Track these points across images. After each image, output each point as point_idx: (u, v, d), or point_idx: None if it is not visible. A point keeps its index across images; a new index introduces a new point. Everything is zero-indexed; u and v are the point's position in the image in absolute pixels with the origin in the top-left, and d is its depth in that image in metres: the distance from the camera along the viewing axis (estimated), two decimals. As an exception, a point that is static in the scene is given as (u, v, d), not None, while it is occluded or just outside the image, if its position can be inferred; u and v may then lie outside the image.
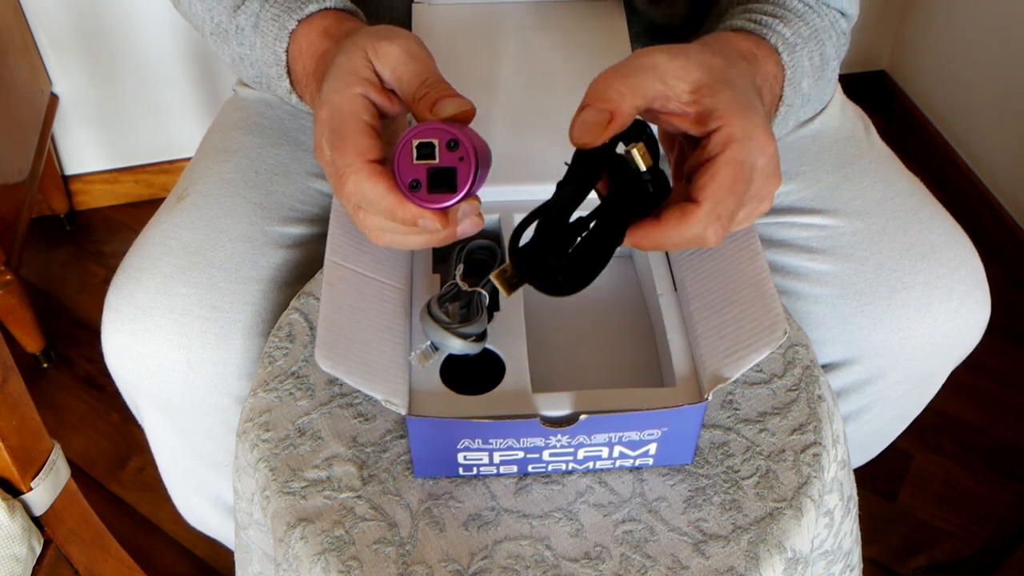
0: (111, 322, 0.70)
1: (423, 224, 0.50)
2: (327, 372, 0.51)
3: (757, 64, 0.58)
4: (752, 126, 0.49)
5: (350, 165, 0.50)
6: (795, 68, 0.61)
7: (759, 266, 0.56)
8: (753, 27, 0.61)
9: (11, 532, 0.65)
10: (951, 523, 1.20)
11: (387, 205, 0.50)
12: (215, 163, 0.77)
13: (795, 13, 0.62)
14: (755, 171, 0.49)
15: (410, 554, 0.53)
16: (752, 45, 0.59)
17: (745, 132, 0.49)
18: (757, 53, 0.59)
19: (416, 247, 0.54)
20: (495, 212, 0.63)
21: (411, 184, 0.49)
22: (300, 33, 0.61)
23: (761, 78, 0.58)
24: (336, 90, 0.52)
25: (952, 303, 0.70)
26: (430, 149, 0.49)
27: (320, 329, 0.52)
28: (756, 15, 0.62)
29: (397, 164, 0.49)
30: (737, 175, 0.48)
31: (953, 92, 1.63)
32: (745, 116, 0.49)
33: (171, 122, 1.60)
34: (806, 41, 0.62)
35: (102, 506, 1.22)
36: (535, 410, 0.53)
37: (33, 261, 1.56)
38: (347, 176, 0.50)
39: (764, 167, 0.50)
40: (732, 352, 0.53)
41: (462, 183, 0.49)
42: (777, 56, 0.60)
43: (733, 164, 0.48)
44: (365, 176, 0.50)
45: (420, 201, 0.50)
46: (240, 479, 0.63)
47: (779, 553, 0.54)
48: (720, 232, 0.49)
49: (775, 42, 0.60)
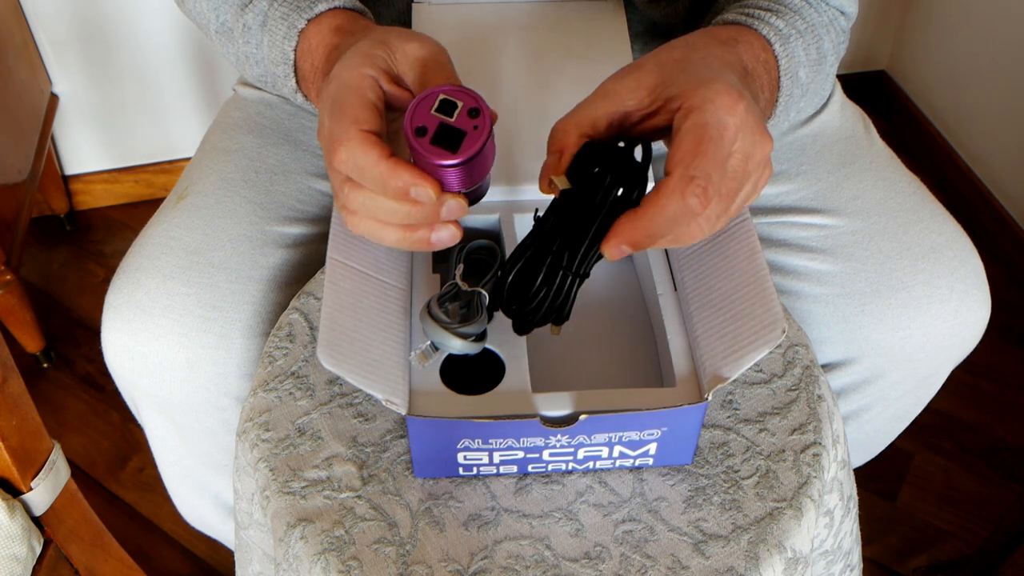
0: (111, 322, 0.70)
1: (415, 194, 0.48)
2: (329, 370, 0.51)
3: (737, 46, 0.58)
4: (711, 92, 0.49)
5: (344, 132, 0.49)
6: (790, 58, 0.61)
7: (758, 265, 0.56)
8: (744, 20, 0.61)
9: (11, 532, 0.65)
10: (951, 523, 1.20)
11: (379, 172, 0.49)
12: (215, 163, 0.77)
13: (790, 8, 0.62)
14: (726, 130, 0.48)
15: (410, 554, 0.53)
16: (733, 32, 0.59)
17: (703, 98, 0.49)
18: (738, 38, 0.58)
19: (390, 243, 0.52)
20: (495, 212, 0.63)
21: (418, 129, 0.49)
22: (310, 31, 0.61)
23: (750, 58, 0.58)
24: (347, 68, 0.52)
25: (952, 303, 0.70)
26: (451, 108, 0.49)
27: (322, 327, 0.52)
28: (749, 9, 0.62)
29: (414, 107, 0.49)
30: (701, 136, 0.48)
31: (953, 92, 1.63)
32: (702, 86, 0.49)
33: (171, 122, 1.60)
34: (801, 34, 0.62)
35: (102, 506, 1.22)
36: (535, 410, 0.53)
37: (33, 261, 1.56)
38: (340, 143, 0.49)
39: (740, 126, 0.49)
40: (732, 352, 0.53)
41: (466, 149, 0.49)
42: (764, 42, 0.60)
43: (694, 129, 0.48)
44: (358, 143, 0.49)
45: (419, 147, 0.49)
46: (240, 479, 0.63)
47: (779, 553, 0.54)
48: (702, 196, 0.47)
49: (766, 32, 0.60)
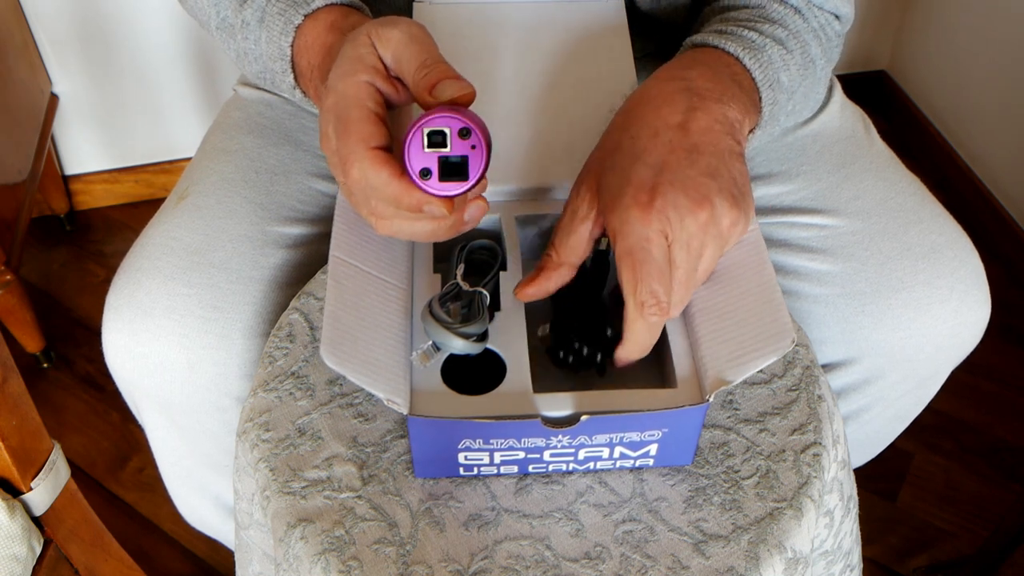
0: (111, 322, 0.70)
1: (428, 211, 0.50)
2: (332, 369, 0.51)
3: (691, 71, 0.58)
4: (623, 210, 0.52)
5: (353, 152, 0.50)
6: (766, 65, 0.61)
7: (767, 273, 0.56)
8: (711, 40, 0.61)
9: (11, 532, 0.65)
10: (951, 523, 1.20)
11: (392, 192, 0.50)
12: (215, 163, 0.77)
13: (770, 19, 0.63)
14: (649, 242, 0.51)
15: (410, 554, 0.53)
16: (693, 56, 0.61)
17: (620, 221, 0.52)
18: (696, 61, 0.60)
19: (424, 237, 0.54)
20: (495, 212, 0.63)
21: (422, 172, 0.49)
22: (306, 28, 0.61)
23: (706, 79, 0.58)
24: (342, 76, 0.53)
25: (952, 303, 0.70)
26: (441, 137, 0.49)
27: (325, 326, 0.52)
28: (724, 25, 0.63)
29: (408, 152, 0.49)
30: (632, 262, 0.51)
31: (953, 92, 1.63)
32: (616, 203, 0.52)
33: (171, 122, 1.60)
34: (780, 41, 0.62)
35: (102, 506, 1.22)
36: (536, 410, 0.53)
37: (33, 261, 1.56)
38: (351, 163, 0.50)
39: (662, 224, 0.51)
40: (737, 356, 0.53)
41: (473, 171, 0.49)
42: (731, 58, 0.60)
43: (624, 257, 0.52)
44: (369, 164, 0.50)
45: (431, 190, 0.49)
46: (240, 479, 0.63)
47: (779, 553, 0.54)
48: (658, 310, 0.51)
49: (732, 49, 0.60)
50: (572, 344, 0.58)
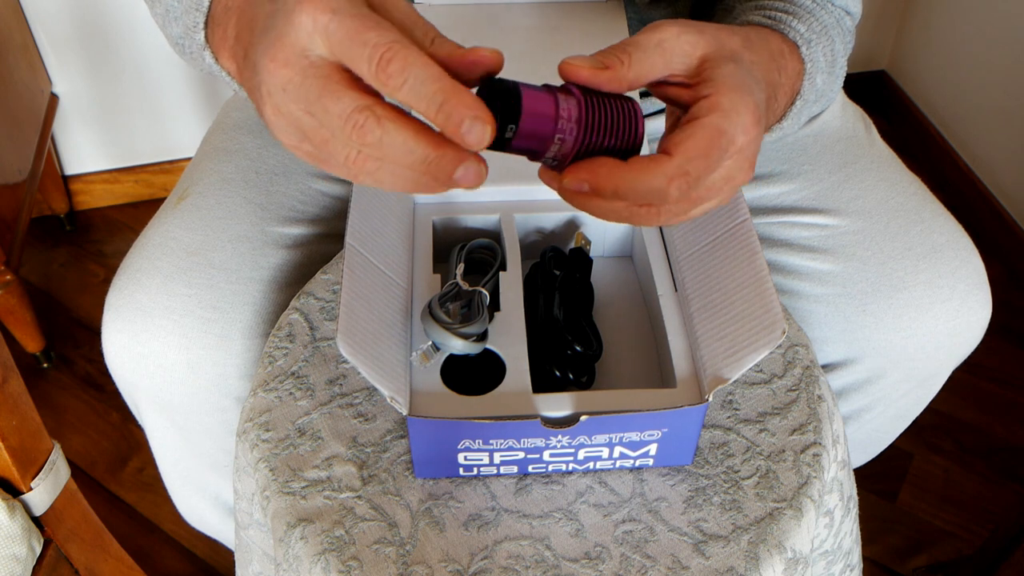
0: (111, 322, 0.70)
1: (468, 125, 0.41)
2: (343, 358, 0.51)
3: (784, 60, 0.58)
4: (742, 104, 0.48)
5: (398, 40, 0.41)
6: (813, 62, 0.60)
7: (758, 265, 0.56)
8: (770, 23, 0.60)
9: (11, 532, 0.65)
10: (951, 523, 1.20)
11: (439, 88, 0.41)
12: (215, 163, 0.77)
13: (805, 9, 0.62)
14: (732, 146, 0.47)
15: (410, 554, 0.53)
16: (780, 41, 0.59)
17: (732, 105, 0.48)
18: (784, 49, 0.58)
19: (402, 187, 0.44)
20: (495, 212, 0.63)
21: None
22: None
23: (785, 76, 0.58)
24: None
25: (953, 303, 0.70)
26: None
27: (342, 316, 0.51)
28: (769, 12, 0.61)
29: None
30: (714, 141, 0.47)
31: (953, 92, 1.63)
32: (738, 91, 0.48)
33: (171, 122, 1.60)
34: (819, 36, 0.61)
35: (102, 506, 1.22)
36: (536, 411, 0.53)
37: (33, 261, 1.56)
38: (395, 50, 0.40)
39: (743, 148, 0.48)
40: (732, 353, 0.53)
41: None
42: (799, 52, 0.60)
43: (712, 129, 0.47)
44: (416, 53, 0.41)
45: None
46: (240, 479, 0.63)
47: (779, 553, 0.54)
48: (684, 191, 0.47)
49: (794, 37, 0.60)
50: (550, 371, 0.58)
